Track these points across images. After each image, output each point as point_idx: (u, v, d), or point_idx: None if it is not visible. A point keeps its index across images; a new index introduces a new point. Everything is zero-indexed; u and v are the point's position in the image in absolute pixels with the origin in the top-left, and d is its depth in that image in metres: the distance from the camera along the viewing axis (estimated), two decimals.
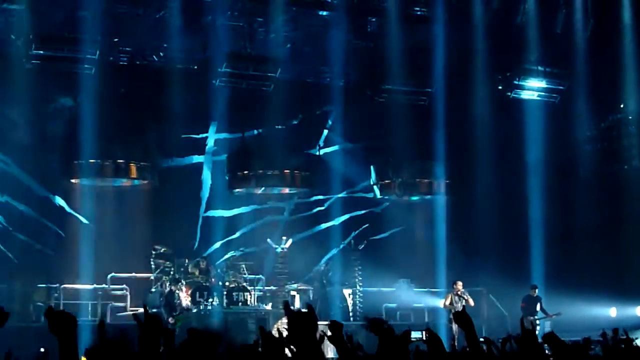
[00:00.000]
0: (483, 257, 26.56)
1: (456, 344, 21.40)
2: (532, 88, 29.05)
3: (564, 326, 22.03)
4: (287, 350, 5.13)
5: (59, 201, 25.25)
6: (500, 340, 9.37)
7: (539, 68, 28.60)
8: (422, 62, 27.57)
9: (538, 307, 24.52)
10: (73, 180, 25.22)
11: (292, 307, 4.90)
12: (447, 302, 23.91)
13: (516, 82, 28.85)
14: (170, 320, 21.92)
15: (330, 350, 9.30)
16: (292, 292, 25.22)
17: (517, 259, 27.34)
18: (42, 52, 24.33)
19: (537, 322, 24.39)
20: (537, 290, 24.75)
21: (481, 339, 11.77)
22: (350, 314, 25.67)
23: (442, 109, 27.64)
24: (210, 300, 23.62)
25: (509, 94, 28.95)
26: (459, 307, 23.42)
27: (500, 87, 29.06)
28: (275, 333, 4.69)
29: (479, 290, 25.95)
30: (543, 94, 29.19)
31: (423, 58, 27.48)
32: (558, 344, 7.19)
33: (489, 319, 26.03)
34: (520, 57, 28.37)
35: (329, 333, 5.98)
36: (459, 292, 23.80)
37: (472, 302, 24.11)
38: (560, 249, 27.15)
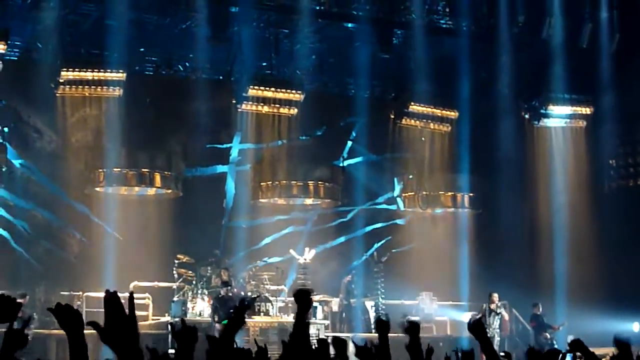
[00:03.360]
0: (506, 271, 26.41)
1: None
2: (559, 115, 28.91)
3: (585, 340, 21.86)
4: None
5: (83, 209, 25.34)
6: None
7: (565, 96, 28.45)
8: (447, 78, 27.40)
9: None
10: (97, 189, 25.33)
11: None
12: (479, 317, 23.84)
13: (543, 112, 28.76)
14: (218, 326, 21.62)
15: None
16: (315, 304, 25.15)
17: (540, 274, 27.22)
18: (70, 76, 24.42)
19: (549, 336, 24.28)
20: (540, 307, 24.65)
21: (501, 354, 11.73)
22: (372, 326, 25.58)
23: (467, 126, 27.62)
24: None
25: (536, 122, 28.87)
26: (490, 320, 23.26)
27: (526, 116, 28.99)
28: None
29: (502, 304, 25.83)
30: (569, 120, 29.05)
31: (448, 74, 27.34)
32: (585, 352, 7.13)
33: (511, 333, 25.89)
34: (546, 79, 28.17)
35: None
36: (492, 307, 23.63)
37: (507, 317, 24.10)
38: (584, 263, 26.97)
